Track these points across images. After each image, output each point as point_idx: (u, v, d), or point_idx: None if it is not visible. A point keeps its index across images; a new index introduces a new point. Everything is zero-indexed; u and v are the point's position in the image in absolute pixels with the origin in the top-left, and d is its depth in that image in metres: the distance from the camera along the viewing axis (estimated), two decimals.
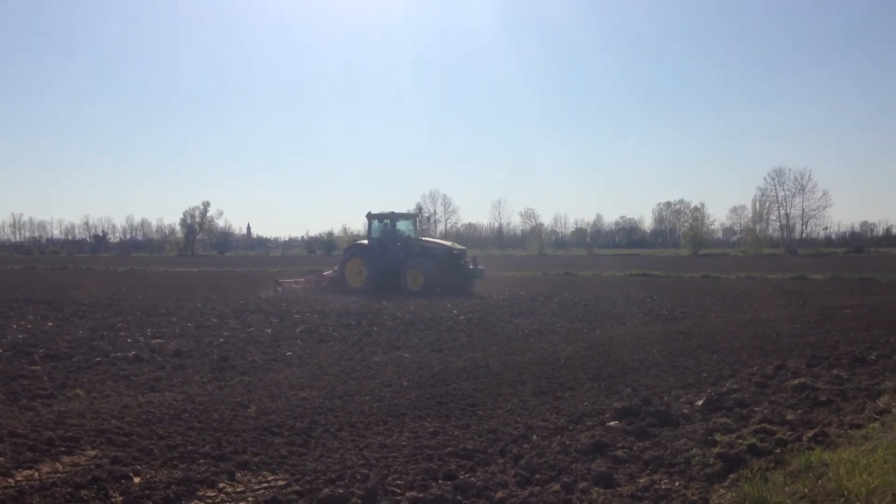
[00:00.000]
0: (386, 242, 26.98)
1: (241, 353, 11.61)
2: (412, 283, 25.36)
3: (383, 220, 27.90)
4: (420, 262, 25.77)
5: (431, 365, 10.65)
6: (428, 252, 26.44)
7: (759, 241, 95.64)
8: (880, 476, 4.98)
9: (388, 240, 27.07)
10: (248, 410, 7.71)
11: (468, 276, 26.47)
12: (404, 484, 5.38)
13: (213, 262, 68.99)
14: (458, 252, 26.78)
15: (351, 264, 27.00)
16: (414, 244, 27.10)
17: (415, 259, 26.03)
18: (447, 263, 25.92)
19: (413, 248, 26.77)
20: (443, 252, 26.38)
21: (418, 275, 25.46)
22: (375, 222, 27.99)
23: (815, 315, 17.04)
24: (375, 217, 28.14)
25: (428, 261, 25.77)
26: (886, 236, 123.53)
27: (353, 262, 26.99)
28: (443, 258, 26.02)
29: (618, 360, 10.84)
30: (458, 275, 26.10)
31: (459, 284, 25.82)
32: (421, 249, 26.69)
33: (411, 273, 25.60)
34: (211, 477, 5.53)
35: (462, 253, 27.10)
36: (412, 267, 25.70)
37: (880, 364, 10.33)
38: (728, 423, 7.01)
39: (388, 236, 27.24)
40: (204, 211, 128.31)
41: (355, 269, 26.76)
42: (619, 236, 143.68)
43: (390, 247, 26.81)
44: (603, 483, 5.40)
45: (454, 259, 26.31)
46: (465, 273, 26.38)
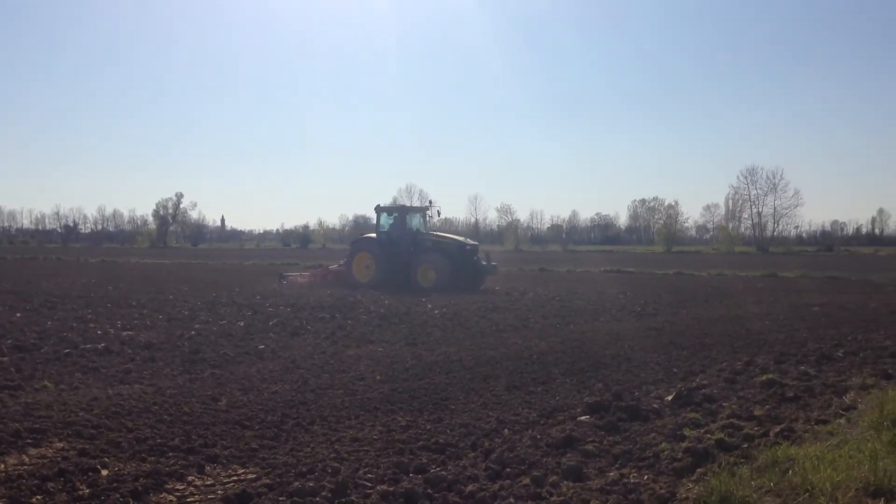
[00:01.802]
0: (395, 236, 26.09)
1: (213, 345, 11.54)
2: (423, 280, 24.59)
3: (392, 213, 27.26)
4: (432, 257, 25.00)
5: (405, 359, 10.65)
6: (440, 247, 25.59)
7: (732, 238, 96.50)
8: (845, 471, 5.06)
9: (398, 234, 26.14)
10: (219, 403, 7.67)
11: (481, 272, 25.69)
12: (375, 477, 5.38)
13: (185, 255, 68.39)
14: (470, 247, 26.02)
15: (358, 258, 26.10)
16: (425, 239, 26.12)
17: (426, 254, 25.23)
18: (459, 259, 25.10)
19: (424, 243, 25.84)
20: (455, 247, 25.57)
21: (430, 271, 24.71)
22: (384, 215, 27.24)
23: (784, 312, 17.26)
24: (384, 210, 27.48)
25: (440, 256, 24.98)
26: (856, 235, 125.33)
27: (361, 256, 26.09)
28: (455, 254, 25.20)
29: (590, 356, 10.91)
30: (470, 271, 25.33)
31: (471, 281, 24.99)
32: (432, 244, 25.79)
33: (423, 269, 24.82)
34: (180, 470, 5.50)
35: (475, 248, 26.43)
36: (424, 262, 24.93)
37: (847, 361, 10.50)
38: (697, 418, 7.09)
39: (398, 230, 26.28)
40: (177, 202, 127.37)
41: (363, 264, 25.91)
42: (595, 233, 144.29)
43: (400, 241, 25.89)
44: (573, 477, 5.43)
45: (467, 255, 25.52)
46: (477, 269, 25.60)
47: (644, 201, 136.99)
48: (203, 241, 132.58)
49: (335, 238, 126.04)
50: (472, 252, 25.95)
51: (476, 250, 26.35)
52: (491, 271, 26.08)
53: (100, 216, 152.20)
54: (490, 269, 25.97)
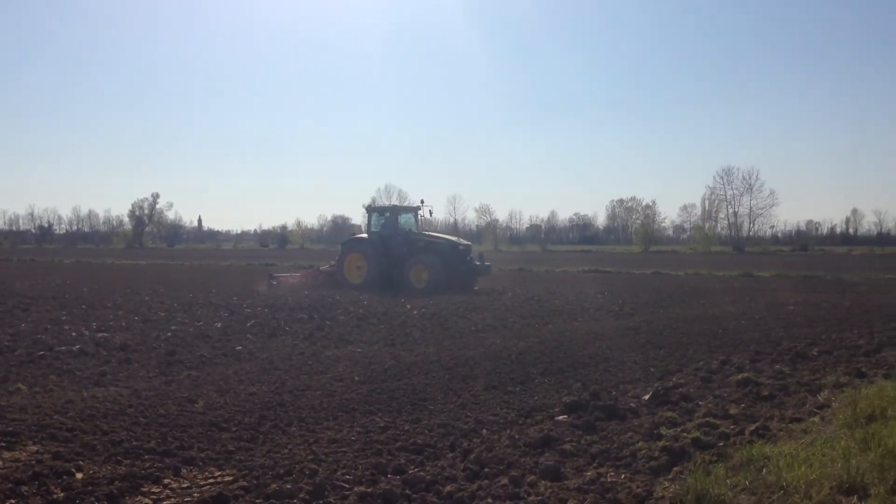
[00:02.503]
0: (387, 237, 25.74)
1: (190, 347, 11.45)
2: (416, 280, 24.16)
3: (384, 213, 26.94)
4: (425, 258, 24.61)
5: (383, 359, 10.64)
6: (433, 247, 25.26)
7: (708, 238, 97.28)
8: (819, 469, 5.12)
9: (390, 234, 25.79)
10: (196, 405, 7.62)
11: (474, 272, 25.44)
12: (353, 479, 5.37)
13: (162, 255, 67.81)
14: (463, 247, 25.76)
15: (350, 259, 25.72)
16: (417, 239, 25.74)
17: (419, 255, 24.84)
18: (453, 259, 24.78)
19: (416, 243, 25.48)
20: (448, 247, 25.26)
21: (423, 271, 24.29)
22: (376, 215, 27.01)
23: (760, 311, 17.44)
24: (376, 210, 27.16)
25: (433, 256, 24.63)
26: (830, 235, 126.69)
27: (352, 256, 25.72)
28: (448, 254, 24.88)
29: (568, 355, 10.96)
30: (463, 271, 25.06)
31: (464, 281, 24.77)
32: (425, 245, 25.43)
33: (416, 269, 24.41)
34: (156, 473, 5.46)
35: (468, 248, 26.17)
36: (417, 263, 24.51)
37: (821, 360, 10.62)
38: (673, 416, 7.15)
39: (390, 230, 25.93)
40: (153, 203, 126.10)
41: (354, 265, 25.54)
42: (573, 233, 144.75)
43: (392, 241, 25.57)
44: (550, 476, 5.46)
45: (460, 255, 25.22)
46: (470, 269, 25.34)
47: (622, 201, 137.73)
48: (179, 241, 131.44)
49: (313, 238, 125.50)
50: (466, 252, 25.72)
51: (469, 250, 26.13)
52: (484, 271, 25.88)
53: (75, 217, 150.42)
54: (483, 270, 25.78)
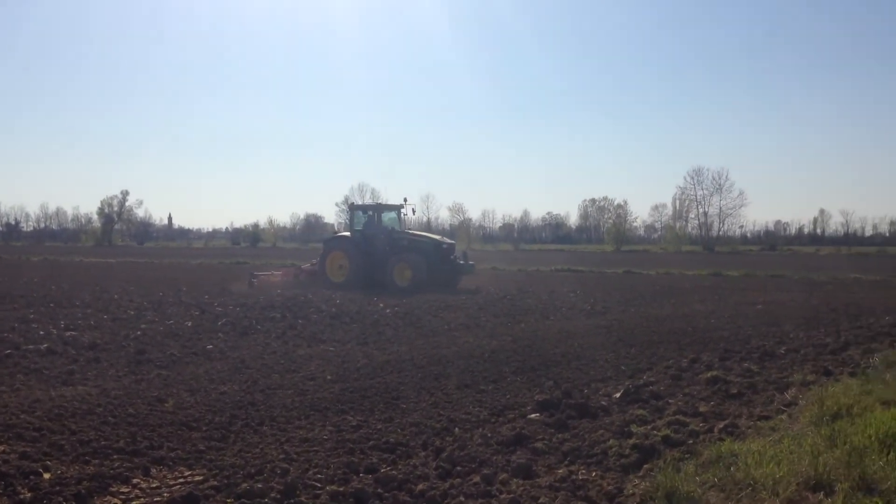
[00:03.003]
0: (370, 235, 25.57)
1: (160, 346, 11.34)
2: (400, 279, 24.03)
3: (367, 211, 26.74)
4: (408, 256, 24.49)
5: (356, 358, 10.61)
6: (416, 246, 25.20)
7: (679, 238, 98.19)
8: (786, 465, 5.20)
9: (373, 232, 25.63)
10: (166, 405, 7.55)
11: (457, 271, 25.36)
12: (325, 478, 5.36)
13: (131, 253, 67.03)
14: (447, 246, 25.68)
15: (332, 258, 25.52)
16: (400, 237, 25.63)
17: (402, 253, 24.73)
18: (436, 258, 24.76)
19: (400, 242, 25.37)
20: (432, 246, 25.21)
21: (406, 270, 24.15)
22: (359, 213, 26.76)
23: (729, 310, 17.63)
24: (359, 208, 26.93)
25: (417, 255, 24.51)
26: (798, 235, 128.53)
27: (335, 255, 25.51)
28: (432, 252, 24.84)
29: (541, 354, 11.01)
30: (447, 270, 25.02)
31: (448, 280, 24.73)
32: (408, 243, 25.34)
33: (399, 268, 24.28)
34: (125, 472, 5.41)
35: (451, 247, 26.08)
36: (400, 261, 24.39)
37: (789, 358, 10.77)
38: (644, 414, 7.21)
39: (373, 228, 25.78)
40: (123, 200, 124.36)
41: (336, 263, 25.34)
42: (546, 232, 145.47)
43: (375, 240, 25.41)
44: (522, 474, 5.49)
45: (444, 253, 25.19)
46: (454, 268, 25.29)
47: (594, 201, 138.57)
48: (149, 239, 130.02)
49: (286, 237, 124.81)
50: (449, 251, 25.66)
51: (452, 249, 26.07)
52: (468, 270, 25.74)
53: (42, 214, 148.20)
54: (467, 269, 25.63)
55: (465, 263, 25.68)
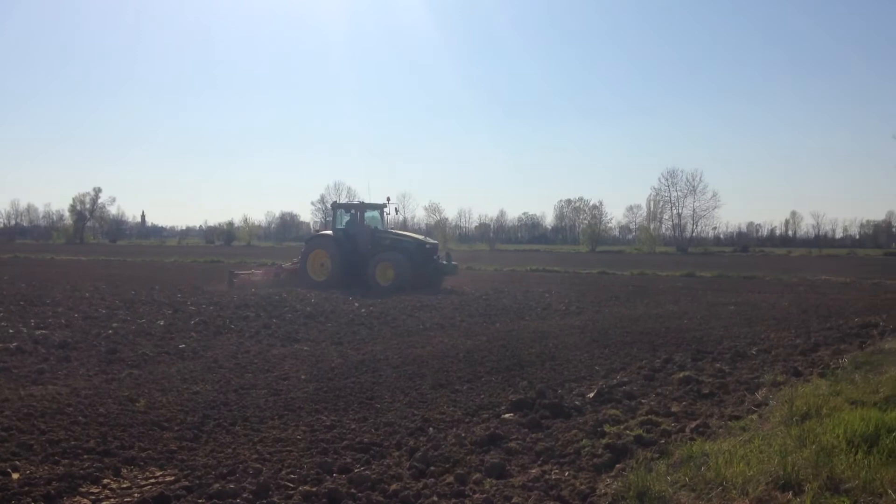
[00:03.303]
0: (353, 234, 25.45)
1: (131, 345, 11.23)
2: (382, 278, 23.93)
3: (350, 209, 26.55)
4: (391, 255, 24.39)
5: (330, 358, 10.58)
6: (399, 245, 25.06)
7: (653, 239, 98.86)
8: (756, 465, 5.25)
9: (355, 231, 25.51)
10: (137, 404, 7.47)
11: (440, 271, 25.26)
12: (298, 478, 5.34)
13: (103, 251, 66.25)
14: (430, 246, 25.56)
15: (314, 256, 25.36)
16: (383, 236, 25.52)
17: (385, 252, 24.63)
18: (419, 258, 24.61)
19: (382, 241, 25.26)
20: (415, 246, 25.05)
21: (389, 269, 24.03)
22: (341, 212, 26.63)
23: (701, 311, 17.80)
24: (341, 207, 26.76)
25: (399, 255, 24.37)
26: (770, 237, 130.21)
27: (317, 253, 25.35)
28: (415, 252, 24.69)
29: (516, 354, 11.04)
30: (430, 270, 24.91)
31: (430, 280, 24.58)
32: (391, 242, 25.23)
33: (381, 267, 24.16)
34: (95, 473, 5.35)
35: (434, 247, 25.96)
36: (383, 260, 24.27)
37: (760, 358, 10.90)
38: (617, 414, 7.26)
39: (356, 227, 25.65)
40: (95, 197, 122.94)
41: (318, 262, 25.22)
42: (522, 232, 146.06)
43: (357, 239, 25.28)
44: (496, 474, 5.50)
45: (427, 253, 25.07)
46: (437, 268, 25.18)
47: (570, 201, 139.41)
48: (122, 237, 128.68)
49: (260, 235, 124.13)
50: (432, 251, 25.56)
51: (436, 249, 25.97)
52: (451, 271, 25.59)
53: (13, 211, 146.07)
54: (451, 269, 25.49)
55: (449, 264, 25.57)
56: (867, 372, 9.13)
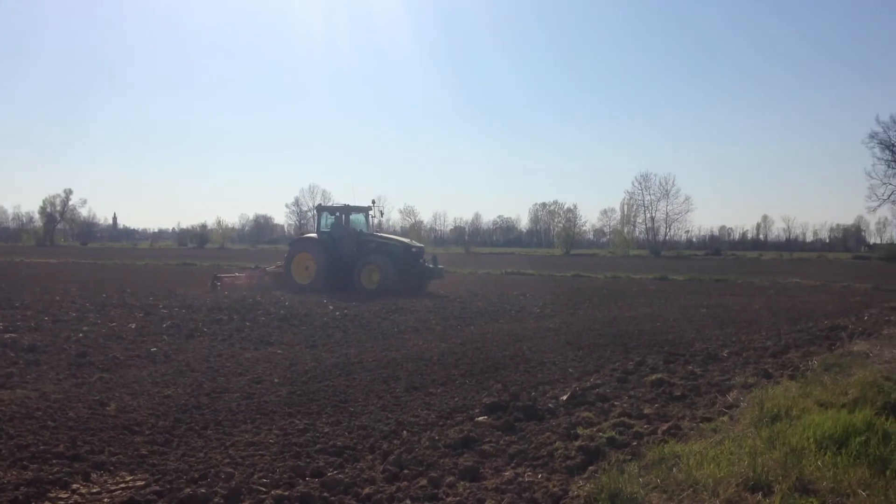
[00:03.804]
0: (338, 237, 25.25)
1: (102, 348, 11.09)
2: (367, 282, 23.84)
3: (335, 212, 26.24)
4: (376, 259, 24.26)
5: (304, 361, 10.53)
6: (385, 248, 24.94)
7: (627, 242, 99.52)
8: (727, 466, 5.30)
9: (341, 234, 25.29)
10: (108, 408, 7.38)
11: (426, 275, 25.18)
12: (270, 482, 5.30)
13: (74, 254, 65.41)
14: (416, 250, 25.43)
15: (298, 259, 25.19)
16: (369, 240, 25.39)
17: (370, 256, 24.49)
18: (405, 261, 24.46)
19: (368, 244, 25.10)
20: (401, 249, 24.93)
21: (374, 272, 23.92)
22: (326, 215, 26.38)
23: (674, 314, 17.95)
24: (326, 209, 26.55)
25: (385, 258, 24.24)
26: (742, 240, 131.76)
27: (301, 257, 25.16)
28: (401, 256, 24.55)
29: (490, 357, 11.06)
30: (416, 274, 24.78)
31: (416, 284, 24.56)
32: (377, 246, 25.10)
33: (367, 270, 24.06)
34: (64, 478, 5.27)
35: (420, 251, 25.82)
36: (368, 264, 24.14)
37: (731, 361, 11.01)
38: (590, 416, 7.30)
39: (341, 230, 25.43)
40: (66, 199, 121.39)
41: (303, 265, 24.99)
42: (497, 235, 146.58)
43: (342, 242, 25.07)
44: (469, 477, 5.50)
45: (413, 257, 24.94)
46: (423, 272, 25.08)
47: (545, 205, 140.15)
48: (93, 239, 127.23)
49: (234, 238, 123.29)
50: (418, 255, 25.43)
51: (422, 253, 25.85)
52: (437, 275, 25.51)
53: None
54: (437, 273, 25.44)
55: (435, 267, 25.45)
56: (836, 374, 9.25)
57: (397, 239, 26.85)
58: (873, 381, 8.43)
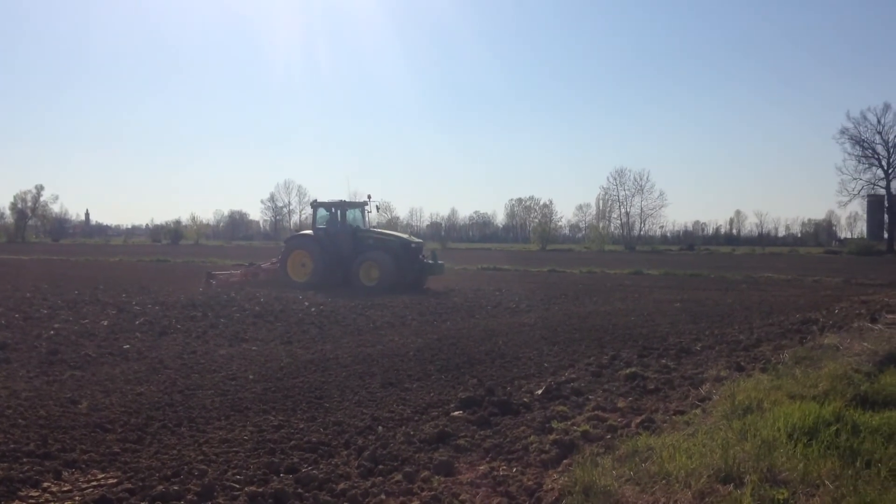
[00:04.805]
0: (334, 233, 24.93)
1: (74, 346, 10.97)
2: (366, 278, 23.51)
3: (331, 208, 25.84)
4: (375, 255, 23.93)
5: (279, 357, 10.48)
6: (383, 244, 24.59)
7: (602, 237, 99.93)
8: (699, 458, 5.36)
9: (337, 230, 24.99)
10: (79, 406, 7.31)
11: (426, 271, 24.86)
12: (244, 479, 5.28)
13: (46, 250, 64.52)
14: (415, 245, 25.08)
15: (294, 256, 24.87)
16: (366, 235, 25.01)
17: (369, 252, 24.16)
18: (404, 257, 24.14)
19: (365, 240, 24.75)
20: (399, 245, 24.60)
21: (373, 269, 23.60)
22: (322, 210, 25.95)
23: (648, 308, 18.08)
24: (322, 205, 26.08)
25: (384, 254, 23.93)
26: (715, 235, 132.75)
27: (297, 254, 24.86)
28: (400, 251, 24.22)
29: (465, 352, 11.07)
30: (415, 270, 24.49)
31: (415, 281, 24.29)
32: (374, 241, 24.73)
33: (365, 267, 23.72)
34: (35, 476, 5.23)
35: (420, 246, 25.49)
36: (367, 260, 23.83)
37: (704, 354, 11.11)
38: (565, 410, 7.34)
39: (337, 226, 25.15)
40: (37, 195, 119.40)
41: (298, 262, 24.70)
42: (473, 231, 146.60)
43: (339, 238, 24.74)
44: (444, 472, 5.52)
45: (412, 253, 24.60)
46: (422, 268, 24.76)
47: (521, 200, 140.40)
48: (65, 236, 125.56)
49: (209, 234, 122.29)
50: (418, 250, 25.14)
51: (421, 248, 25.58)
52: (438, 270, 25.21)
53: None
54: (437, 269, 25.10)
55: (435, 263, 25.14)
56: (807, 367, 9.36)
57: (395, 234, 26.60)
58: (843, 374, 8.56)
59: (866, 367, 9.24)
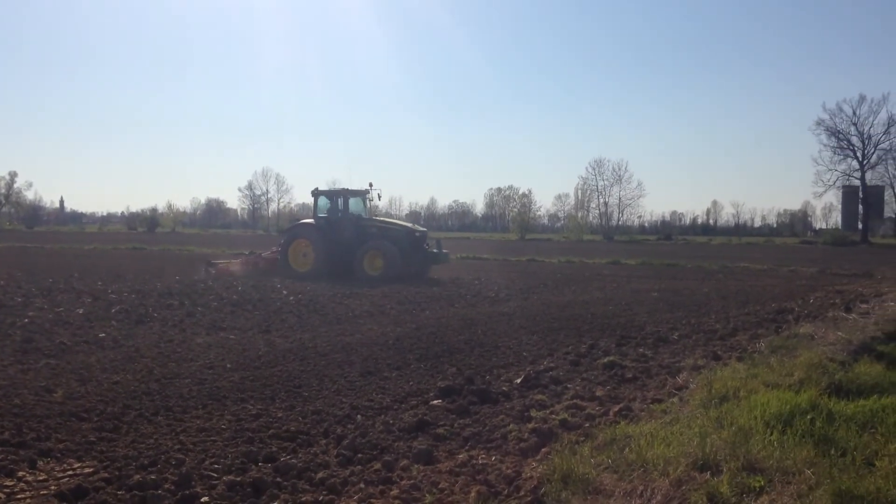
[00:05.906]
0: (336, 222, 24.57)
1: (48, 334, 10.84)
2: (370, 268, 23.19)
3: (332, 196, 25.45)
4: (379, 244, 23.58)
5: (257, 346, 10.43)
6: (387, 233, 24.28)
7: (580, 227, 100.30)
8: (677, 446, 5.40)
9: (339, 219, 24.61)
10: (54, 395, 7.23)
11: (431, 260, 24.61)
12: (222, 468, 5.25)
13: (19, 238, 63.68)
14: (420, 234, 24.86)
15: (295, 246, 24.47)
16: (369, 224, 24.70)
17: (373, 241, 23.82)
18: (408, 246, 23.81)
19: (368, 229, 24.43)
20: (404, 233, 24.33)
21: (377, 258, 23.27)
22: (323, 199, 25.48)
23: (626, 298, 18.18)
24: (323, 194, 25.65)
25: (388, 243, 23.55)
26: (693, 225, 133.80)
27: (298, 243, 24.48)
28: (404, 240, 23.91)
29: (444, 341, 11.08)
30: (420, 259, 24.22)
31: (419, 270, 24.07)
32: (378, 230, 24.43)
33: (370, 256, 23.39)
34: (9, 465, 5.17)
35: (424, 234, 25.26)
36: (371, 249, 23.47)
37: (681, 343, 11.20)
38: (543, 399, 7.37)
39: (339, 215, 24.75)
40: (10, 182, 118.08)
41: (300, 252, 24.29)
42: (452, 220, 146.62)
43: (341, 227, 24.36)
44: (423, 460, 5.52)
45: (416, 241, 24.34)
46: (427, 257, 24.51)
47: (500, 190, 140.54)
48: (39, 223, 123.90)
49: (186, 222, 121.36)
50: (422, 239, 24.90)
51: (425, 237, 25.37)
52: (443, 259, 24.92)
53: None
54: (442, 258, 24.82)
55: (440, 252, 24.86)
56: (783, 356, 9.45)
57: (399, 223, 26.41)
58: (818, 363, 8.65)
59: (841, 357, 9.36)
